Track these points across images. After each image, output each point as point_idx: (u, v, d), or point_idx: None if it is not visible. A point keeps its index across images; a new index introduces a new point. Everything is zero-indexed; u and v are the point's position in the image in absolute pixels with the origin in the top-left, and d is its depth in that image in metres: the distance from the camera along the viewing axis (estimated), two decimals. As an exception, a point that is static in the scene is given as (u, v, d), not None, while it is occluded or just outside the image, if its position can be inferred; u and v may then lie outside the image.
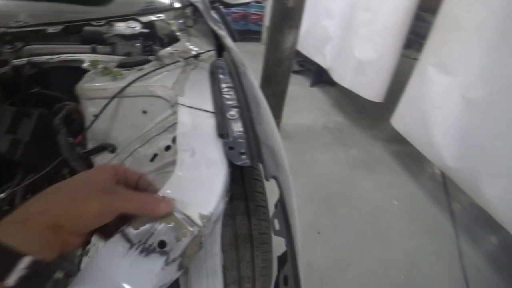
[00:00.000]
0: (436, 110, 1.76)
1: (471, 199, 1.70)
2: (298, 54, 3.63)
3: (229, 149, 0.54)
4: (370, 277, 1.55)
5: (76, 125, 0.74)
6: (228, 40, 1.00)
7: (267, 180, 0.48)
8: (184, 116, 0.59)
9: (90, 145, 0.72)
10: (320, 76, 3.40)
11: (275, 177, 0.48)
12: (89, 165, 0.67)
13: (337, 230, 1.77)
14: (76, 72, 0.76)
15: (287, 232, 0.48)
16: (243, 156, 0.53)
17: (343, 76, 2.64)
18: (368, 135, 2.71)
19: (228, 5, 1.39)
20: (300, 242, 0.74)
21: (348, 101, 3.21)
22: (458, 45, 1.61)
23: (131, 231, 0.38)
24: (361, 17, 2.29)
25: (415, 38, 4.40)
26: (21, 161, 0.63)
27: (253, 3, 4.23)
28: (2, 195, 0.57)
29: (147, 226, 0.39)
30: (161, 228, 0.39)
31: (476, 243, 1.79)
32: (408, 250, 1.71)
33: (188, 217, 0.42)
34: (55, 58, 0.81)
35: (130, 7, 0.98)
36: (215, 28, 0.99)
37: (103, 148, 0.70)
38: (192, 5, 1.04)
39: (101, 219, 0.33)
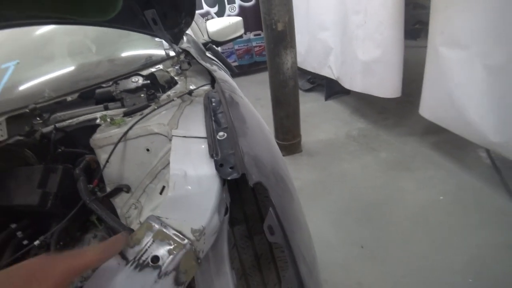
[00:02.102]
0: (461, 87, 1.66)
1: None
2: (306, 72, 3.71)
3: (220, 166, 0.57)
4: None
5: (96, 173, 0.83)
6: (219, 73, 1.08)
7: (251, 186, 0.49)
8: (176, 145, 0.64)
9: (109, 189, 0.79)
10: (332, 88, 3.40)
11: (259, 183, 0.49)
12: (108, 206, 0.74)
13: (381, 241, 1.64)
14: (92, 128, 0.87)
15: (285, 237, 0.48)
16: (232, 171, 0.56)
17: (353, 82, 2.62)
18: (395, 133, 2.58)
19: (219, 44, 1.51)
20: (312, 249, 0.71)
21: (367, 105, 3.13)
22: (463, 16, 1.56)
23: (126, 248, 0.41)
24: (354, 21, 2.32)
25: (422, 26, 4.29)
26: (51, 211, 0.71)
27: (253, 36, 4.49)
28: (36, 242, 0.64)
29: (141, 244, 0.42)
30: (153, 245, 0.42)
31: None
32: (471, 248, 1.50)
33: (179, 232, 0.44)
34: (75, 120, 0.93)
35: (132, 65, 1.12)
36: (206, 65, 1.08)
37: (119, 189, 0.77)
38: (184, 50, 1.15)
39: None
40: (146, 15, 0.91)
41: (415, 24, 4.17)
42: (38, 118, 0.95)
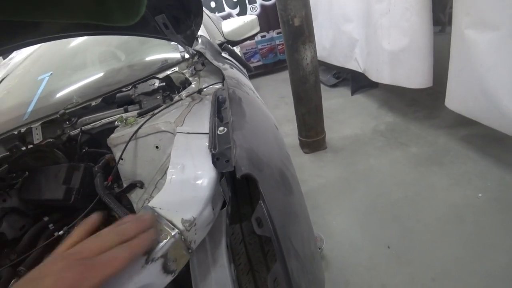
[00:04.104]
0: (492, 73, 1.49)
1: None
2: (331, 67, 3.61)
3: (216, 159, 0.59)
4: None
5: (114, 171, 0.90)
6: (229, 71, 1.10)
7: (238, 178, 0.50)
8: (179, 141, 0.67)
9: (125, 185, 0.85)
10: (359, 82, 3.27)
11: (248, 175, 0.50)
12: (121, 201, 0.79)
13: (409, 241, 1.54)
14: (113, 130, 0.94)
15: (274, 230, 0.48)
16: (227, 164, 0.57)
17: (380, 74, 2.49)
18: (426, 127, 2.41)
19: (235, 43, 1.53)
20: (311, 246, 0.69)
21: (395, 98, 2.96)
22: (491, -6, 1.40)
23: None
24: (378, 9, 2.20)
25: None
26: (75, 205, 0.79)
27: (276, 34, 4.46)
28: (60, 232, 0.71)
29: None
30: (144, 233, 0.45)
31: None
32: (511, 251, 1.36)
33: (170, 221, 0.47)
34: (98, 123, 1.02)
35: (149, 69, 1.18)
36: (218, 64, 1.11)
37: (133, 185, 0.83)
38: (198, 52, 1.19)
39: None
40: (157, 21, 0.96)
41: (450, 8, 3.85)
42: (67, 122, 1.05)
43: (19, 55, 1.74)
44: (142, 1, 0.33)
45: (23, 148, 0.93)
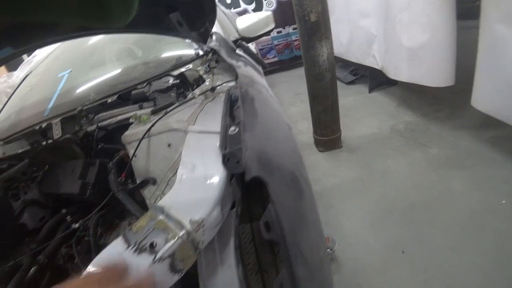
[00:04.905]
0: None
1: None
2: (348, 64, 3.52)
3: (227, 160, 0.59)
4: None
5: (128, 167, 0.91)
6: (243, 68, 1.09)
7: (246, 180, 0.49)
8: (190, 141, 0.67)
9: (138, 181, 0.87)
10: (377, 80, 3.17)
11: (257, 178, 0.49)
12: (134, 197, 0.81)
13: (425, 246, 1.48)
14: (127, 126, 0.96)
15: (282, 235, 0.47)
16: (237, 165, 0.56)
17: (398, 71, 2.40)
18: (448, 127, 2.30)
19: (249, 40, 1.52)
20: (321, 252, 0.67)
21: (416, 96, 2.85)
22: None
23: (130, 233, 0.45)
24: (397, 4, 2.10)
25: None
26: (90, 199, 0.81)
27: (292, 30, 4.40)
28: (76, 225, 0.74)
29: (143, 230, 0.45)
30: (153, 232, 0.45)
31: None
32: (538, 262, 1.29)
33: (179, 222, 0.47)
34: (114, 120, 1.04)
35: (164, 67, 1.19)
36: (232, 62, 1.10)
37: (146, 182, 0.84)
38: (212, 49, 1.19)
39: None
40: (171, 19, 0.96)
41: (475, 1, 3.64)
42: (85, 119, 1.08)
43: (41, 53, 1.81)
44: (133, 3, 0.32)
45: (43, 143, 0.96)
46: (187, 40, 1.32)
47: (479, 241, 1.43)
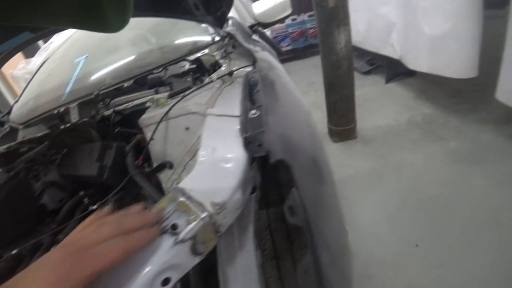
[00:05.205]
0: None
1: None
2: (365, 53, 3.41)
3: (248, 143, 0.57)
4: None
5: (145, 150, 0.91)
6: (261, 53, 1.06)
7: (271, 163, 0.47)
8: (210, 124, 0.65)
9: (155, 165, 0.86)
10: (394, 70, 3.06)
11: (281, 161, 0.47)
12: (151, 181, 0.81)
13: (440, 241, 1.45)
14: (144, 111, 0.95)
15: (306, 220, 0.45)
16: (259, 148, 0.55)
17: (418, 61, 2.31)
18: (468, 120, 2.21)
19: (267, 25, 1.48)
20: (343, 239, 0.66)
21: (435, 88, 2.74)
22: None
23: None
24: (419, -10, 2.01)
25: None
26: (107, 182, 0.82)
27: (307, 18, 4.28)
28: (95, 206, 0.74)
29: (164, 212, 0.45)
30: (175, 214, 0.44)
31: None
32: None
33: (200, 204, 0.46)
34: (130, 104, 1.04)
35: (180, 51, 1.18)
36: (249, 46, 1.07)
37: (163, 166, 0.84)
38: (228, 34, 1.16)
39: None
40: (188, 2, 0.94)
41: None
42: (101, 103, 1.08)
43: (57, 40, 1.82)
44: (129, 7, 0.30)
45: (62, 127, 0.97)
46: (203, 25, 1.29)
47: (496, 239, 1.38)
